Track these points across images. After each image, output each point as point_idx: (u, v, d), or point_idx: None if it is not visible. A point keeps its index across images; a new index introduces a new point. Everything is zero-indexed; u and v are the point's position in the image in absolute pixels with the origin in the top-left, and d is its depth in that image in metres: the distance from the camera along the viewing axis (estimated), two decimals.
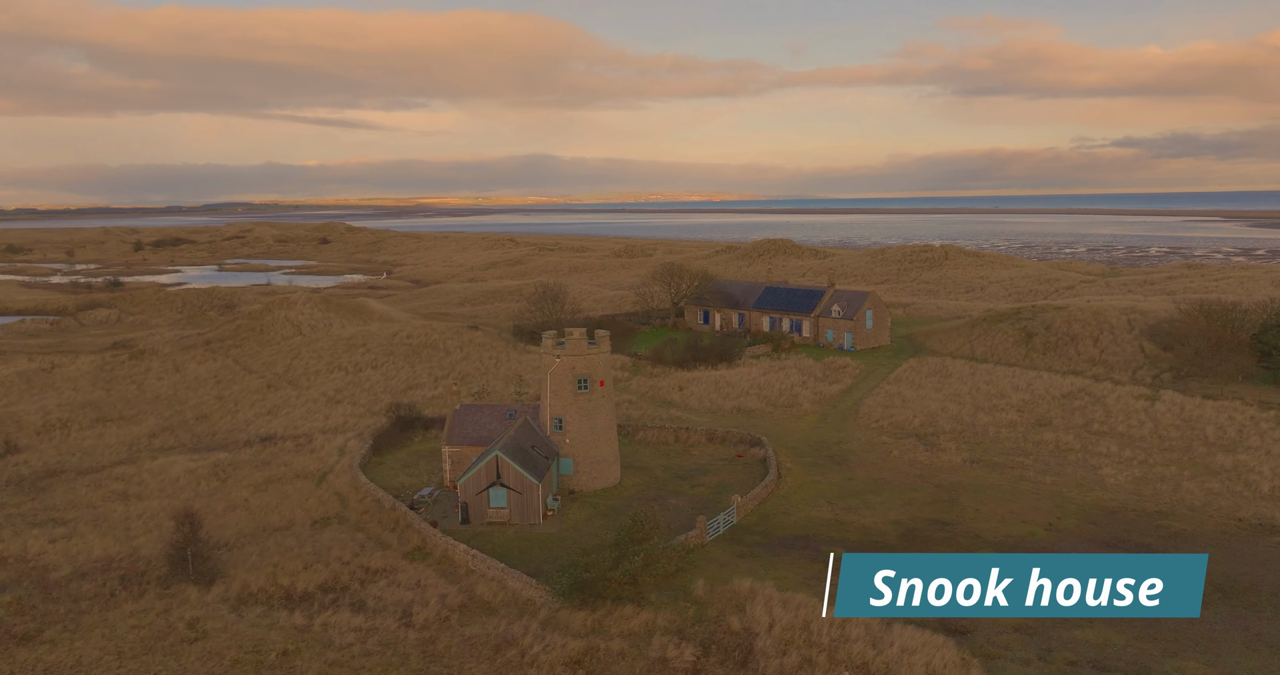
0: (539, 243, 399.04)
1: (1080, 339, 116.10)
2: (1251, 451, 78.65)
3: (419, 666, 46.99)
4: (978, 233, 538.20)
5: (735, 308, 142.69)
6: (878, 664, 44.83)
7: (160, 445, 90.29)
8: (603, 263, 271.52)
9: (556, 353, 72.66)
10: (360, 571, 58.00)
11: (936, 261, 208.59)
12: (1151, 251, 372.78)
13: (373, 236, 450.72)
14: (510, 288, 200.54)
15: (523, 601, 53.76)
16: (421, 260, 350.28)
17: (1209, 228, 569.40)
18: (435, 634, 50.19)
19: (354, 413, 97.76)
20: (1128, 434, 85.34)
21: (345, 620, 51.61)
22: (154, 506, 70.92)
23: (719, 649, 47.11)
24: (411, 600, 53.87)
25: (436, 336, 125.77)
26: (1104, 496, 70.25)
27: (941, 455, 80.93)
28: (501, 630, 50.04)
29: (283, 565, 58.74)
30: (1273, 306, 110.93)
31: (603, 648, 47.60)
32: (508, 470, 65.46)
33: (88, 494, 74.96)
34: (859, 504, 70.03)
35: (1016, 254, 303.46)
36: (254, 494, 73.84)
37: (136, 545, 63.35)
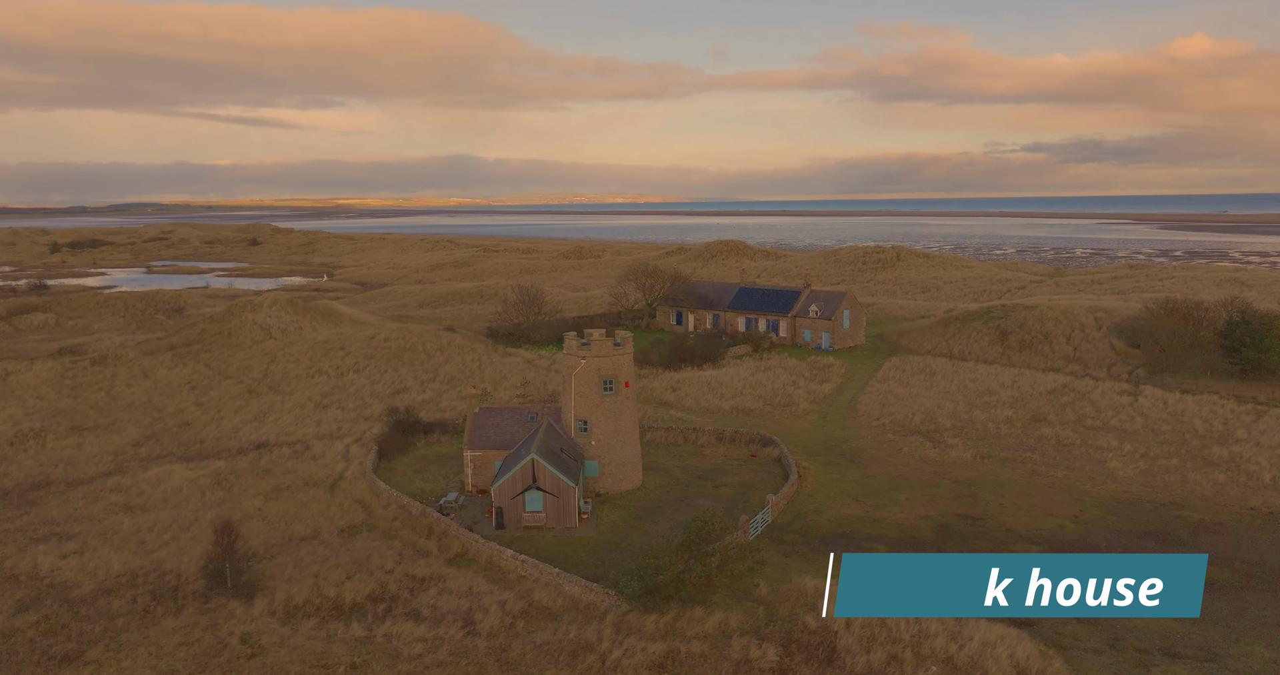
0: (480, 244, 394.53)
1: (1054, 337, 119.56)
2: (1242, 443, 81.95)
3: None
4: (904, 234, 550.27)
5: (709, 308, 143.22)
6: (962, 658, 45.40)
7: (147, 454, 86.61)
8: (553, 264, 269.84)
9: (581, 354, 71.89)
10: (407, 580, 56.51)
11: (889, 262, 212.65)
12: (1077, 252, 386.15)
13: (304, 238, 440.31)
14: (470, 289, 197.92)
15: (584, 606, 53.03)
16: (360, 262, 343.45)
17: (1122, 230, 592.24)
18: (505, 642, 49.19)
19: (346, 418, 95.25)
20: (1121, 428, 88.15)
21: (408, 630, 50.24)
22: (163, 518, 68.02)
23: (799, 648, 47.15)
24: (469, 608, 52.73)
25: (415, 339, 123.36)
26: (1118, 489, 72.42)
27: (951, 452, 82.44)
28: (573, 636, 49.31)
29: (324, 575, 56.92)
30: (1235, 305, 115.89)
31: (683, 650, 47.24)
32: (544, 473, 64.54)
33: (86, 506, 71.50)
34: (885, 501, 70.91)
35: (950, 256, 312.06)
36: (266, 503, 71.37)
37: (158, 559, 60.68)
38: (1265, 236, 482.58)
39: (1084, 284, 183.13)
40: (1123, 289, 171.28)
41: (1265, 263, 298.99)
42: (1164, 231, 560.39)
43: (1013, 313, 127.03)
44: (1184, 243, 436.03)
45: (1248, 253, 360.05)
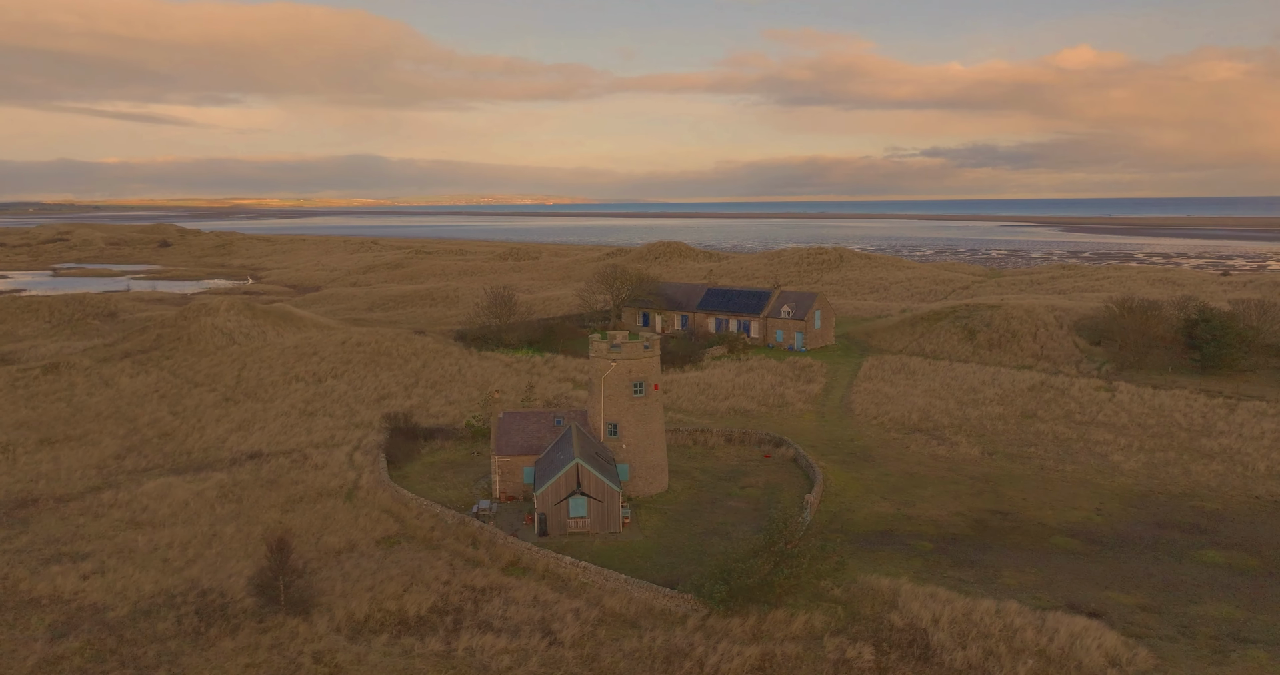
0: (409, 246, 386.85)
1: (1021, 335, 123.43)
2: (1227, 435, 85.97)
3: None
4: (813, 236, 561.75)
5: (678, 310, 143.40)
6: (1053, 650, 46.37)
7: (134, 467, 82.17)
8: (491, 266, 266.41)
9: (611, 357, 71.12)
10: (467, 591, 54.97)
11: (833, 263, 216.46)
12: (993, 253, 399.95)
13: (218, 239, 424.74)
14: (419, 292, 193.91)
15: (658, 612, 52.41)
16: (283, 264, 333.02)
17: (1026, 232, 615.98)
18: (593, 651, 48.28)
19: (337, 425, 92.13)
20: (1109, 422, 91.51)
21: (489, 643, 48.90)
22: (180, 534, 64.64)
23: (891, 646, 47.48)
24: (543, 618, 51.60)
25: (388, 343, 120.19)
26: (1128, 482, 75.14)
27: (958, 449, 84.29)
28: (660, 642, 48.69)
29: (379, 589, 54.95)
30: (1191, 305, 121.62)
31: (778, 653, 47.11)
32: (588, 478, 63.60)
33: (90, 523, 67.42)
34: (912, 498, 72.06)
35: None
36: (284, 515, 68.52)
37: (191, 577, 57.66)
38: (1159, 238, 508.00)
39: (1024, 284, 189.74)
40: (1063, 289, 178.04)
41: (1169, 263, 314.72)
42: (1065, 234, 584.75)
43: (977, 312, 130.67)
44: (1088, 244, 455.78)
45: (1150, 254, 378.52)
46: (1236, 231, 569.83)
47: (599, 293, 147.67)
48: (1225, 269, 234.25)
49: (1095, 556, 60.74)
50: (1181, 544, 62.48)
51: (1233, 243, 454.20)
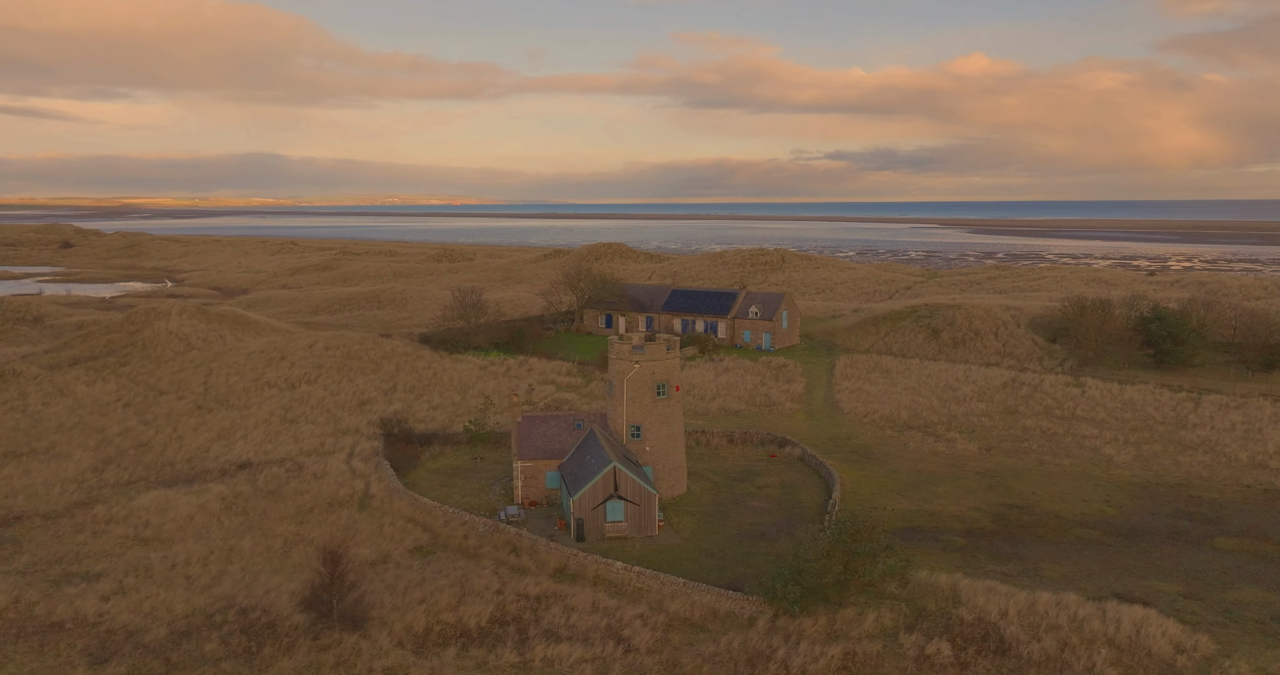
0: (332, 247, 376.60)
1: (983, 334, 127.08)
2: (1199, 428, 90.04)
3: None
4: (730, 237, 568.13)
5: (642, 311, 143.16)
6: (1121, 639, 47.76)
7: (116, 481, 77.80)
8: (426, 267, 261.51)
9: (635, 359, 70.56)
10: (523, 600, 53.78)
11: (776, 264, 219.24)
12: (911, 254, 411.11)
13: (125, 240, 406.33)
14: (365, 294, 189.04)
15: (723, 615, 52.23)
16: (201, 266, 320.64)
17: (936, 234, 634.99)
18: (673, 656, 47.78)
19: (324, 433, 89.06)
20: (1089, 417, 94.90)
21: (563, 652, 47.96)
22: (195, 550, 61.56)
23: (967, 641, 48.23)
24: (609, 624, 50.86)
25: (357, 347, 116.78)
26: (1125, 474, 78.02)
27: (955, 445, 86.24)
28: (738, 645, 48.49)
29: (430, 600, 53.37)
30: (1143, 303, 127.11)
31: (859, 651, 47.39)
32: (625, 481, 62.94)
33: (91, 542, 63.62)
34: (928, 495, 73.40)
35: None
36: (300, 527, 65.99)
37: (223, 594, 54.97)
38: (1062, 240, 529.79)
39: (964, 284, 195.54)
40: (1003, 288, 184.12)
41: (1079, 263, 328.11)
42: (973, 235, 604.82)
43: (938, 311, 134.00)
44: (1000, 245, 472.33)
45: (1060, 254, 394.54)
46: (1131, 233, 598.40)
47: (563, 293, 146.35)
48: (1151, 269, 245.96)
49: (1120, 547, 62.82)
50: (1195, 533, 65.12)
51: (1131, 244, 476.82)
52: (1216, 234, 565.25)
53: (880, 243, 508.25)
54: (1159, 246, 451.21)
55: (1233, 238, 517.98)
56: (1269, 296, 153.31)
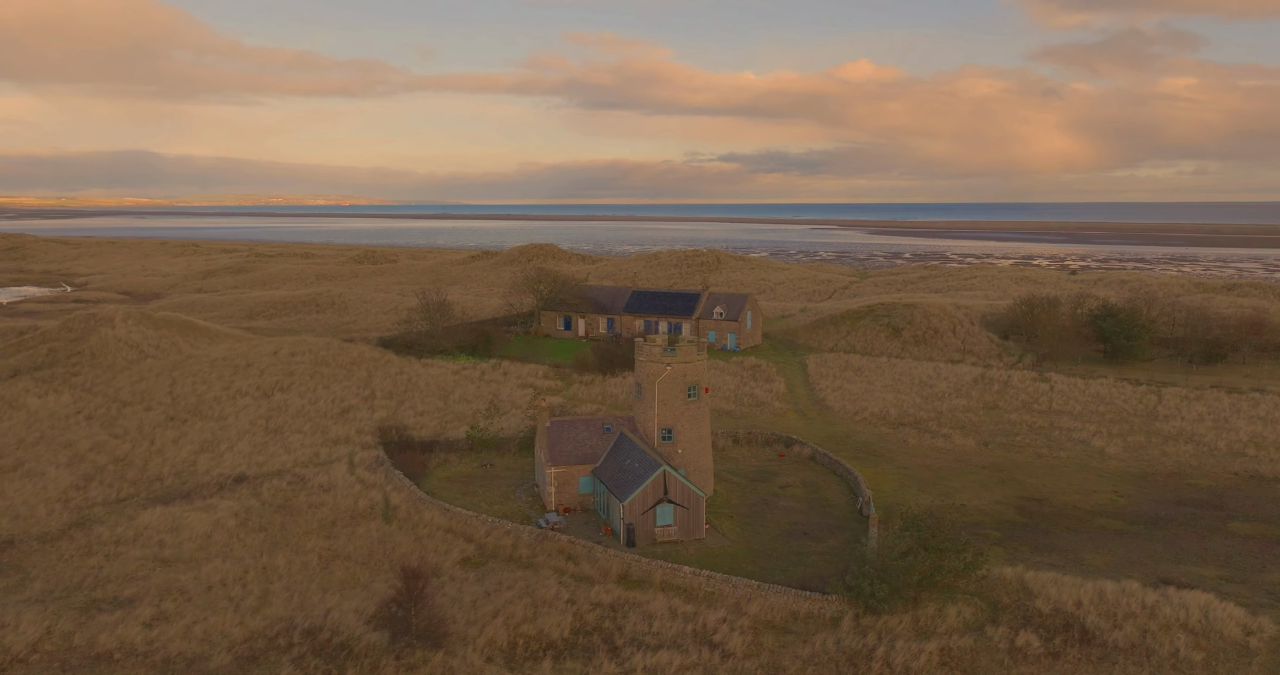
0: (238, 248, 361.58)
1: (942, 332, 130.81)
2: (1172, 419, 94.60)
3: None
4: (635, 238, 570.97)
5: (603, 312, 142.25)
6: (1194, 623, 49.74)
7: (105, 498, 72.76)
8: (349, 270, 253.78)
9: (667, 360, 69.99)
10: (597, 608, 52.71)
11: (712, 265, 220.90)
12: (821, 254, 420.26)
13: (7, 242, 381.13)
14: (301, 297, 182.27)
15: (803, 616, 52.28)
16: (98, 269, 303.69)
17: (840, 235, 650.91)
18: (772, 659, 47.60)
19: (313, 443, 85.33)
20: (1066, 411, 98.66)
21: (663, 661, 47.24)
22: (228, 570, 58.18)
23: (1050, 631, 49.45)
24: (695, 630, 50.35)
25: (324, 353, 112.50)
26: (1121, 465, 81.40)
27: (952, 441, 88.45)
28: (833, 646, 48.61)
29: (503, 612, 51.82)
30: (1090, 301, 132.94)
31: (954, 647, 48.10)
32: (675, 485, 62.38)
33: (106, 565, 59.41)
34: (946, 490, 75.06)
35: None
36: (330, 542, 63.20)
37: (278, 616, 52.16)
38: (958, 240, 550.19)
39: (898, 284, 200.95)
40: (938, 288, 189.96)
41: (983, 262, 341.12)
42: (874, 236, 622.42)
43: (895, 311, 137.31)
44: (906, 246, 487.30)
45: (964, 254, 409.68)
46: (1020, 234, 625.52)
47: (524, 295, 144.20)
48: (1073, 268, 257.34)
49: (1145, 535, 65.51)
50: (1207, 519, 68.39)
51: (1025, 244, 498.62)
52: (1101, 234, 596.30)
53: (789, 243, 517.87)
54: (1051, 247, 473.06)
55: (1117, 238, 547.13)
56: (1198, 293, 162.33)
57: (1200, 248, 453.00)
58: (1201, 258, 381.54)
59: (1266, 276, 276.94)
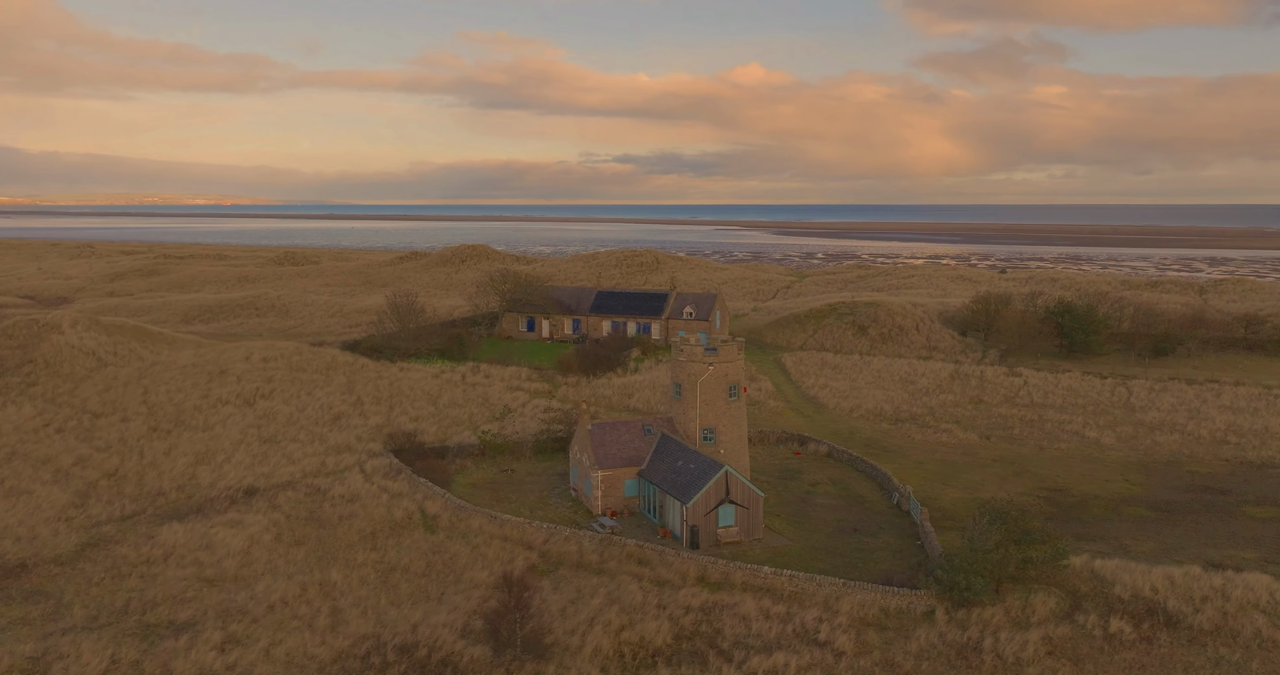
0: (138, 250, 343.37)
1: (907, 330, 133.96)
2: (1149, 410, 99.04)
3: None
4: (524, 239, 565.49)
5: (568, 313, 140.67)
6: (1265, 604, 52.04)
7: (109, 516, 67.73)
8: (272, 272, 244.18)
9: (709, 360, 69.65)
10: (690, 612, 51.92)
11: (652, 265, 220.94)
12: (737, 255, 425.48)
13: None
14: (238, 300, 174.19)
15: (894, 612, 52.59)
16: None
17: (744, 236, 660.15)
18: (885, 656, 47.79)
19: (316, 452, 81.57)
20: (1050, 404, 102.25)
21: (780, 662, 46.86)
22: (285, 588, 55.05)
23: (1136, 617, 51.04)
24: (794, 631, 50.12)
25: (297, 358, 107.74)
26: (1121, 455, 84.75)
27: (955, 435, 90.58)
28: (937, 639, 49.08)
29: (599, 620, 50.65)
30: (1043, 299, 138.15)
31: (1054, 635, 49.17)
32: (736, 485, 62.04)
33: (148, 587, 55.45)
34: (968, 483, 76.81)
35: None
36: (379, 554, 60.60)
37: (360, 633, 49.76)
38: (863, 241, 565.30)
39: (838, 283, 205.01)
40: (879, 287, 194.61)
41: (895, 262, 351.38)
42: (780, 237, 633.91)
43: (859, 309, 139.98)
44: (818, 246, 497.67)
45: (875, 254, 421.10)
46: (916, 235, 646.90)
47: (489, 296, 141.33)
48: (1002, 267, 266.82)
49: (1171, 521, 68.34)
50: (1220, 504, 71.80)
51: (927, 245, 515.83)
52: (994, 235, 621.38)
53: (701, 244, 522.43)
54: (952, 247, 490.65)
55: (1009, 239, 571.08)
56: (1127, 290, 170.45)
57: (1088, 248, 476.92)
58: (1094, 257, 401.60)
59: (1184, 274, 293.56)
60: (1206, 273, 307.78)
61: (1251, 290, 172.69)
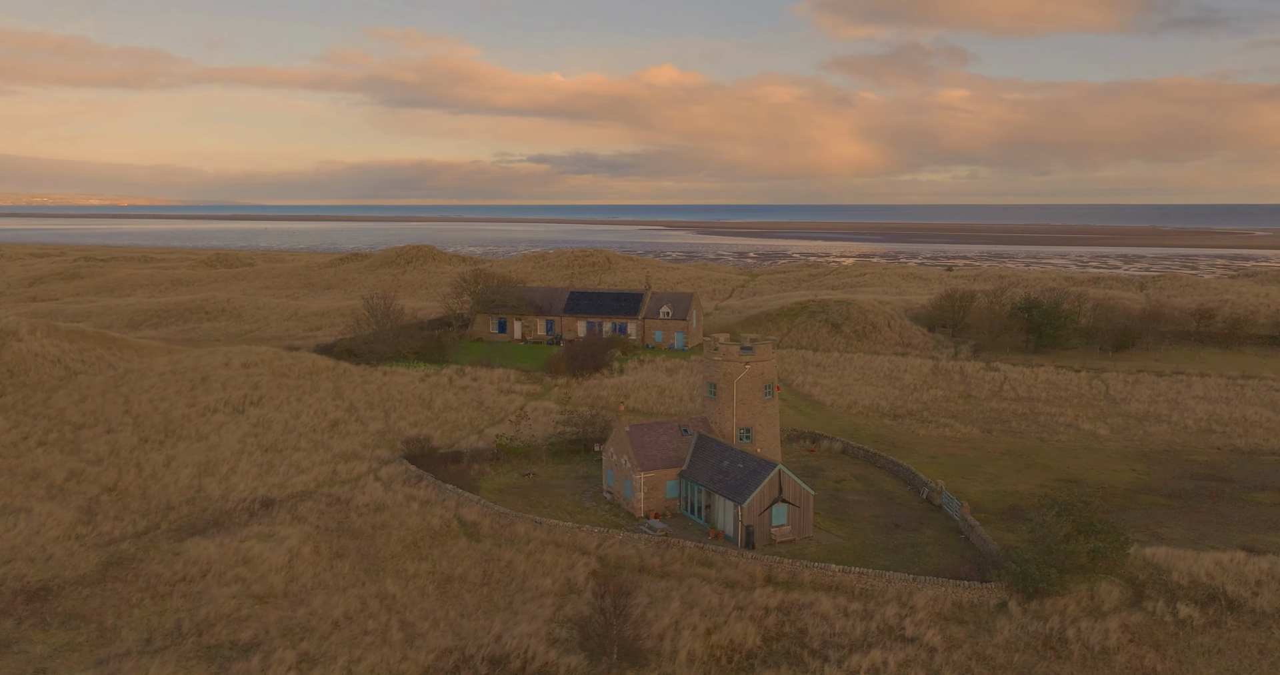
0: (51, 253, 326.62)
1: (880, 327, 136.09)
2: (1131, 402, 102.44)
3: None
4: (439, 239, 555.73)
5: (541, 314, 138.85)
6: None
7: (122, 533, 63.77)
8: (208, 275, 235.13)
9: (745, 360, 69.39)
10: (770, 613, 51.60)
11: (603, 265, 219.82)
12: (671, 254, 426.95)
13: None
14: (185, 304, 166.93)
15: (967, 605, 53.14)
16: None
17: (670, 235, 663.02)
18: (975, 649, 48.28)
19: (325, 459, 78.64)
20: (1032, 398, 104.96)
21: (878, 660, 46.88)
22: (342, 603, 52.85)
23: (1198, 602, 52.61)
24: (879, 627, 50.25)
25: (277, 364, 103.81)
26: (1118, 446, 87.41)
27: (957, 430, 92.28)
28: (1019, 630, 49.72)
29: (684, 624, 49.94)
30: (1006, 295, 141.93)
31: (1131, 622, 50.32)
32: (789, 484, 61.94)
33: (196, 607, 52.49)
34: (985, 476, 78.21)
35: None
36: (431, 565, 58.72)
37: (441, 646, 48.09)
38: (792, 240, 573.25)
39: (791, 281, 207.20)
40: (833, 285, 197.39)
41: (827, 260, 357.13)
42: (706, 237, 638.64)
43: (829, 307, 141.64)
44: (747, 246, 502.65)
45: (806, 253, 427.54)
46: (839, 234, 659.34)
47: (462, 296, 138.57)
48: (948, 265, 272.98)
49: (1189, 508, 70.68)
50: (1228, 491, 74.52)
51: (853, 244, 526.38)
52: (914, 234, 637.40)
53: (631, 244, 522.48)
54: (878, 245, 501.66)
55: (929, 238, 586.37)
56: (1072, 286, 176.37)
57: (1007, 246, 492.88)
58: (1014, 255, 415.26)
59: (1106, 271, 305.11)
60: (1125, 269, 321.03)
61: (1189, 285, 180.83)
